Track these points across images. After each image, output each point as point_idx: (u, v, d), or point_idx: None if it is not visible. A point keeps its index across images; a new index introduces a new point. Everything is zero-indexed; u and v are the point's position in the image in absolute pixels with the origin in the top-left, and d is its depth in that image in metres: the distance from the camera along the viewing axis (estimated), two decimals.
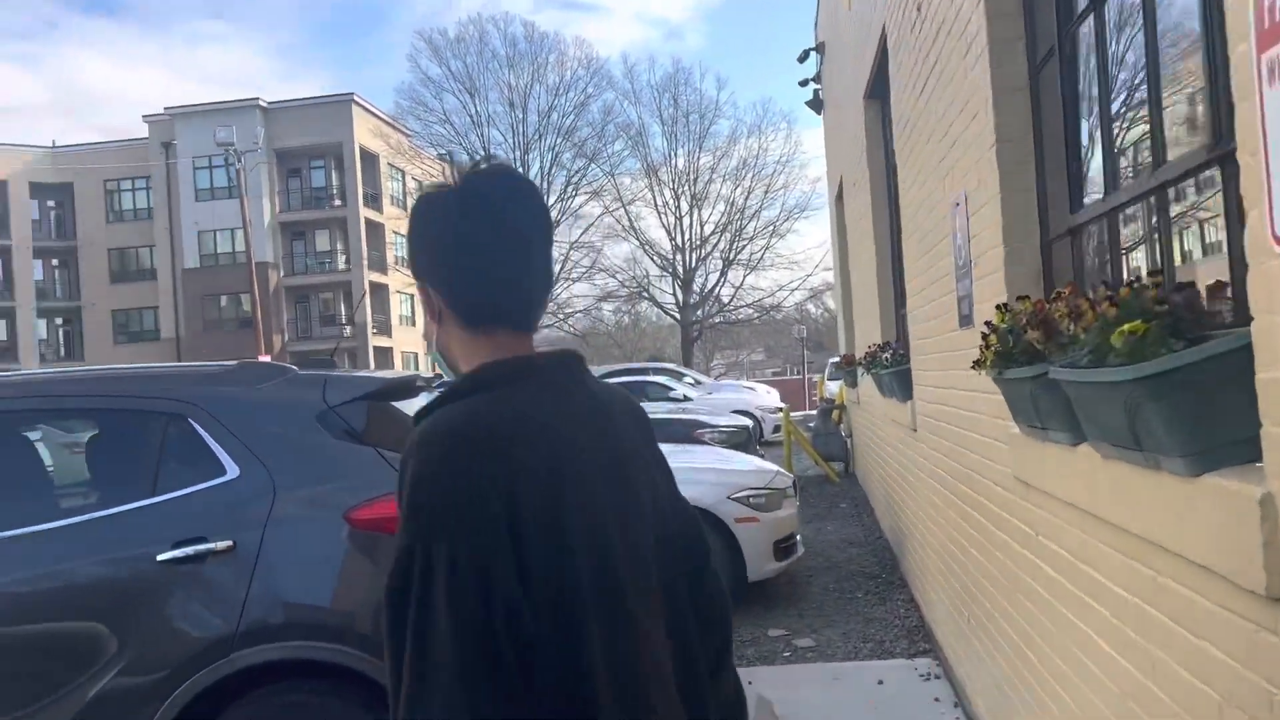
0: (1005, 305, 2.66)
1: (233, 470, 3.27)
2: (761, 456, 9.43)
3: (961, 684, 4.54)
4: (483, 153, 39.64)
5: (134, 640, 3.11)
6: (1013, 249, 3.13)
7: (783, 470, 7.38)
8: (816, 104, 12.88)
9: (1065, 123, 2.93)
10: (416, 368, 41.75)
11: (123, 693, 3.07)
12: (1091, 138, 2.77)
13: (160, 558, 3.12)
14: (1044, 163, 3.08)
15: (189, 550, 3.14)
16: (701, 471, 6.87)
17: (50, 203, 45.78)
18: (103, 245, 45.43)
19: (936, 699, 4.68)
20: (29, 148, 45.42)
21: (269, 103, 42.39)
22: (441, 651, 1.12)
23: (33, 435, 3.70)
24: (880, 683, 4.95)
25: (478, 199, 1.32)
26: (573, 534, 1.21)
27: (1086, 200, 2.83)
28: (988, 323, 2.71)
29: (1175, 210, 2.35)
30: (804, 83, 13.01)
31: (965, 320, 3.86)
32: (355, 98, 42.87)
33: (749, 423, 11.41)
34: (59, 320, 46.31)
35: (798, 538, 6.91)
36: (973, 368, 2.86)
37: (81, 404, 3.46)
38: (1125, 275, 2.58)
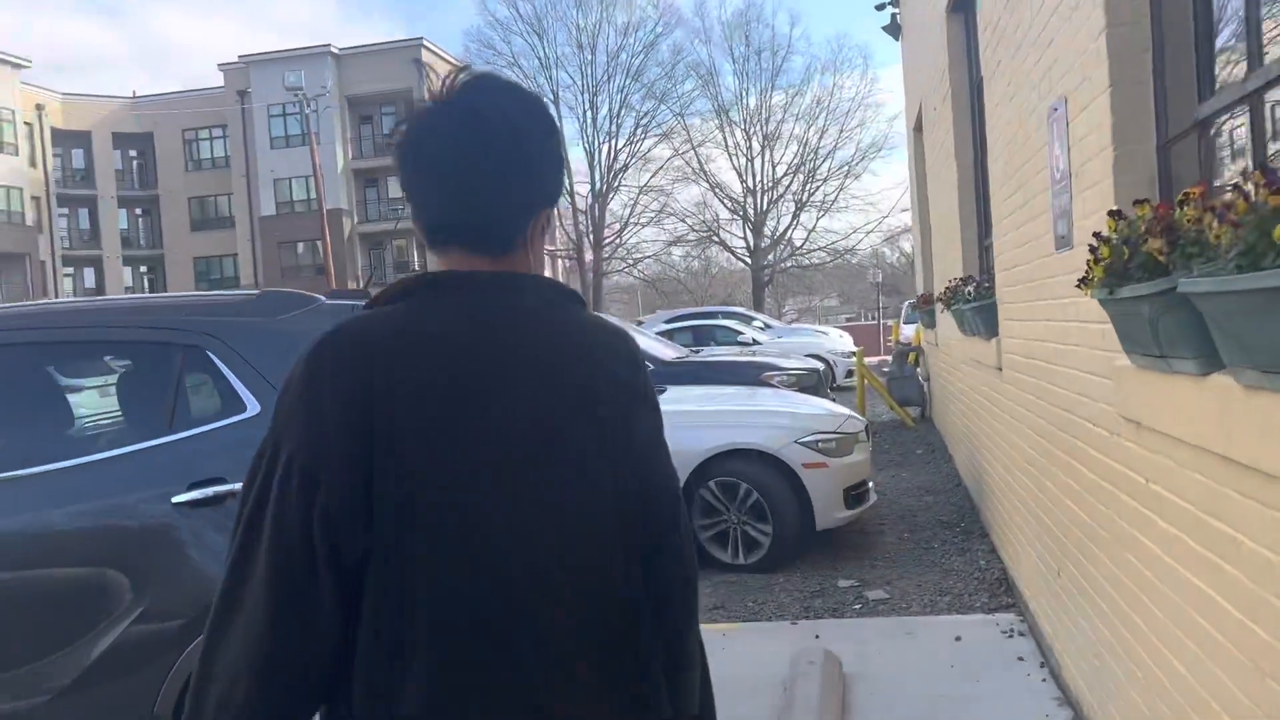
0: (1118, 212, 2.25)
1: (253, 406, 3.04)
2: (833, 400, 9.04)
3: (1049, 643, 4.17)
4: (551, 96, 39.66)
5: (150, 587, 2.92)
6: (1124, 152, 2.70)
7: (855, 414, 6.99)
8: (894, 28, 12.20)
9: None
10: None
11: (138, 642, 2.89)
12: (1230, 7, 2.32)
13: (176, 500, 2.91)
14: (1164, 48, 2.63)
15: (207, 492, 2.92)
16: (767, 415, 6.55)
17: (132, 153, 46.69)
18: (183, 194, 46.27)
19: (1020, 658, 4.32)
20: (110, 98, 46.27)
21: (340, 49, 42.35)
22: (261, 548, 1.15)
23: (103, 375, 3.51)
24: (958, 639, 4.60)
25: (428, 113, 1.27)
26: (429, 458, 1.15)
27: (1219, 86, 2.39)
28: (1096, 234, 2.31)
29: None
30: (880, 6, 12.33)
31: (1062, 242, 3.43)
32: (424, 42, 42.56)
33: (820, 366, 10.96)
34: (143, 268, 47.42)
35: (870, 485, 6.55)
36: (1078, 286, 2.45)
37: (92, 335, 3.23)
38: None
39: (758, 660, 4.49)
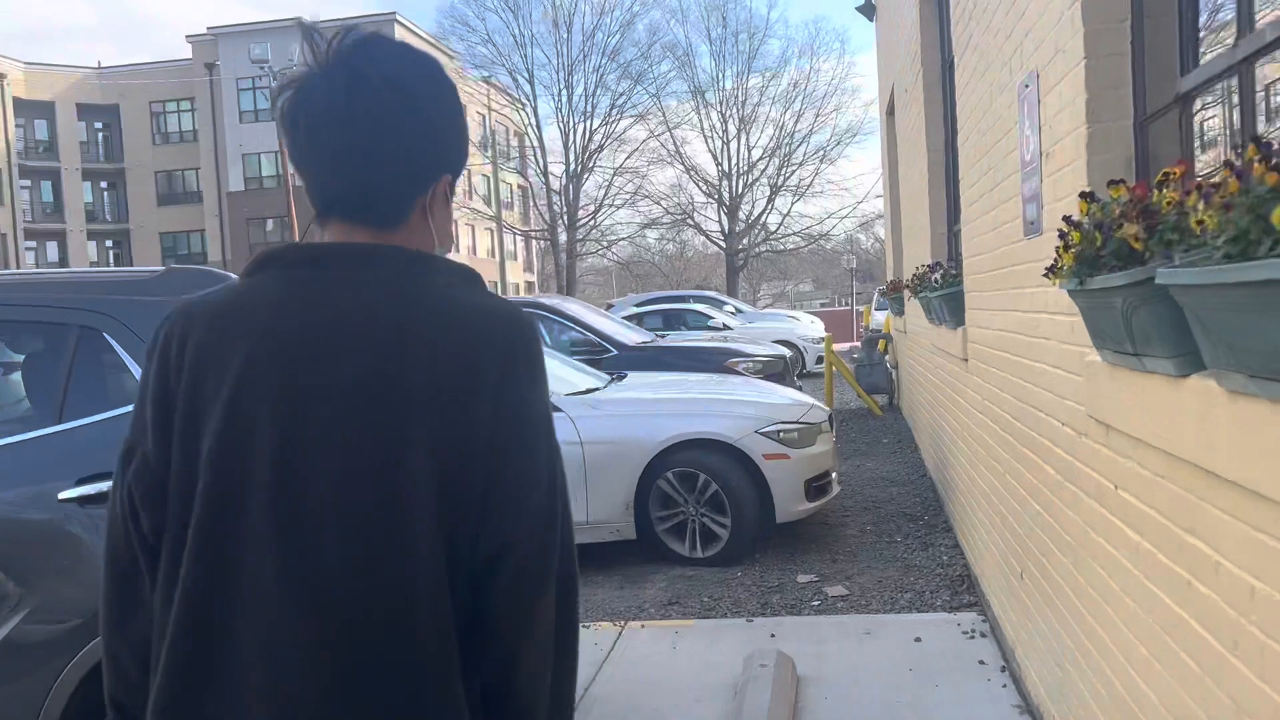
0: (1091, 194, 2.05)
1: None
2: (799, 388, 8.85)
3: (1010, 646, 4.00)
4: (526, 74, 39.17)
5: (37, 588, 2.68)
6: (1098, 130, 2.49)
7: (819, 403, 6.80)
8: (868, 9, 11.99)
9: None
10: None
11: (25, 644, 2.66)
12: None
13: (61, 496, 2.66)
14: (1143, 16, 2.42)
15: (100, 487, 2.67)
16: (727, 403, 6.33)
17: (98, 124, 45.65)
18: (150, 167, 45.35)
19: (981, 661, 4.15)
20: (75, 68, 45.17)
21: (310, 22, 41.54)
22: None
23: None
24: (918, 640, 4.43)
25: (309, 78, 1.20)
26: (219, 438, 1.11)
27: (1204, 57, 2.18)
28: (1067, 218, 2.10)
29: None
30: None
31: (1031, 228, 3.23)
32: (397, 17, 41.89)
33: (786, 352, 10.73)
34: (109, 243, 46.42)
35: (833, 476, 6.36)
36: (1045, 275, 2.25)
37: None
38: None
39: (710, 661, 4.31)
